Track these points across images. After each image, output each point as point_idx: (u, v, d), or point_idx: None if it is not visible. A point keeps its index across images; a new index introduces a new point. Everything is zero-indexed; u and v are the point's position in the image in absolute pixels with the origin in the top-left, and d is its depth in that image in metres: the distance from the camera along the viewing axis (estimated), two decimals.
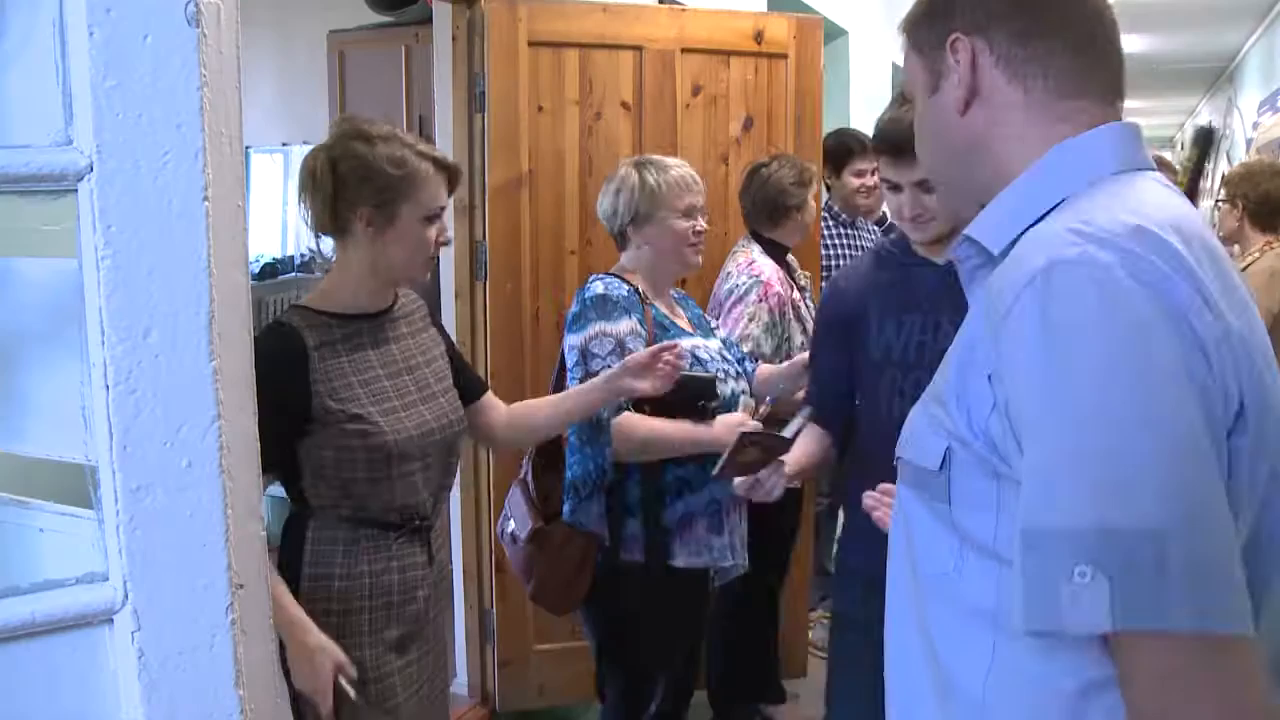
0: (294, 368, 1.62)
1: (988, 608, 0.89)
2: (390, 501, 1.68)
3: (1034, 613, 0.80)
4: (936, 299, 1.87)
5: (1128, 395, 0.78)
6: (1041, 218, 0.92)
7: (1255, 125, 8.08)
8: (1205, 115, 12.73)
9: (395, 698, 1.69)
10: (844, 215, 3.70)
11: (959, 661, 0.92)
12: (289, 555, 1.67)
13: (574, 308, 2.31)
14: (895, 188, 1.90)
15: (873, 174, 3.64)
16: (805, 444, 2.04)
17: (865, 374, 1.97)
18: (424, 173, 1.69)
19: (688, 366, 2.13)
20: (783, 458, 1.97)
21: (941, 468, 0.92)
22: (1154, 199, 0.91)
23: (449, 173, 1.76)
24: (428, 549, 1.76)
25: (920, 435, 0.97)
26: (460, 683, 3.24)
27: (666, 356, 1.95)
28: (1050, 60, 0.96)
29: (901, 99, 1.90)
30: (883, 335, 1.93)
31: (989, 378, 0.86)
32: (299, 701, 1.61)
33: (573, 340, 2.21)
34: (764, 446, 1.94)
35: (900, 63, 1.16)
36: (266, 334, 1.66)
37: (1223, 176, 3.98)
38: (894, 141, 1.85)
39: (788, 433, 1.99)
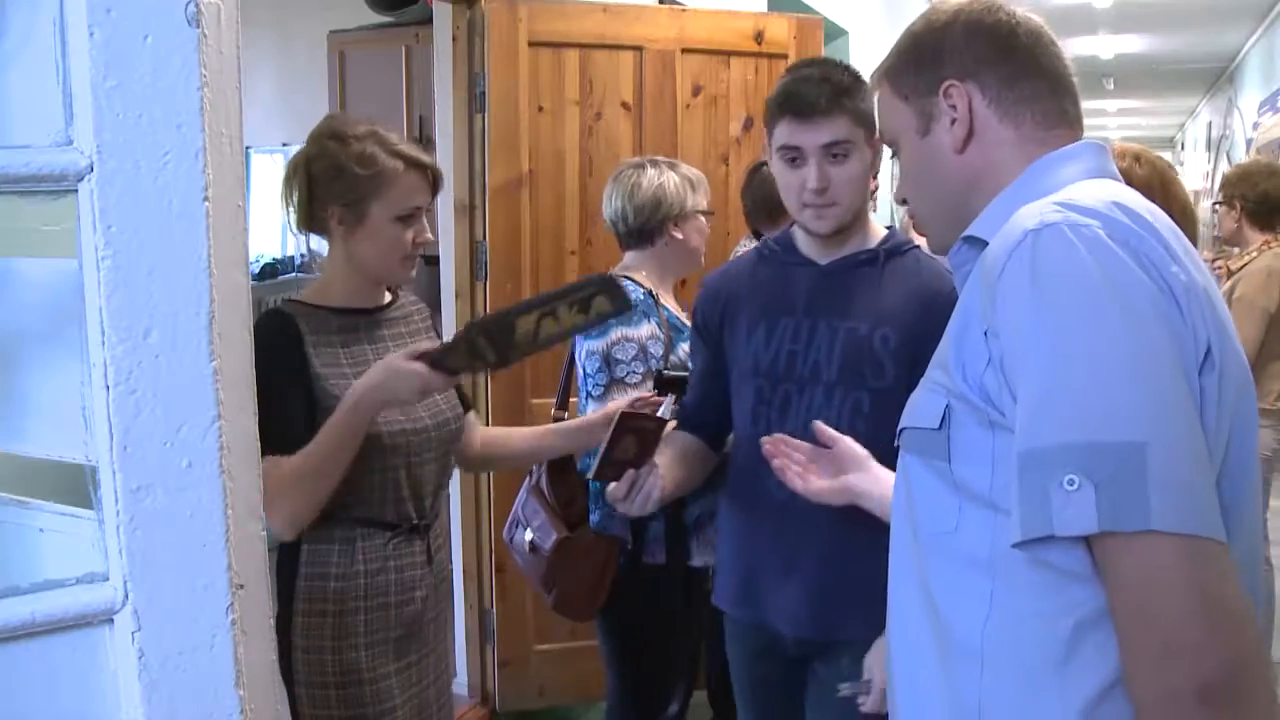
0: (294, 348, 1.64)
1: (984, 557, 0.96)
2: (385, 498, 1.68)
3: (1029, 521, 0.88)
4: (814, 301, 1.74)
5: (1110, 331, 0.88)
6: None
7: (1255, 125, 8.08)
8: (1205, 115, 12.73)
9: (393, 699, 1.68)
10: None
11: (958, 613, 0.99)
12: (285, 555, 1.67)
13: None
14: (796, 158, 1.69)
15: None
16: (675, 464, 1.82)
17: (734, 384, 1.83)
18: (393, 171, 1.67)
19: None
20: (656, 461, 1.76)
21: (941, 426, 0.99)
22: (1125, 192, 1.02)
23: (425, 172, 1.72)
24: (426, 549, 1.75)
25: (920, 403, 1.04)
26: (460, 683, 3.24)
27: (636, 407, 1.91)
28: (1035, 100, 1.09)
29: (799, 65, 1.79)
30: (752, 342, 1.77)
31: (985, 334, 0.95)
32: (298, 703, 1.61)
33: (592, 346, 2.18)
34: (640, 436, 1.73)
35: None
36: (264, 318, 1.67)
37: (1222, 178, 3.98)
38: (803, 100, 1.67)
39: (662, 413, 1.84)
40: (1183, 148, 16.27)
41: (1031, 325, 0.91)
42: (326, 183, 1.67)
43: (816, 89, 1.67)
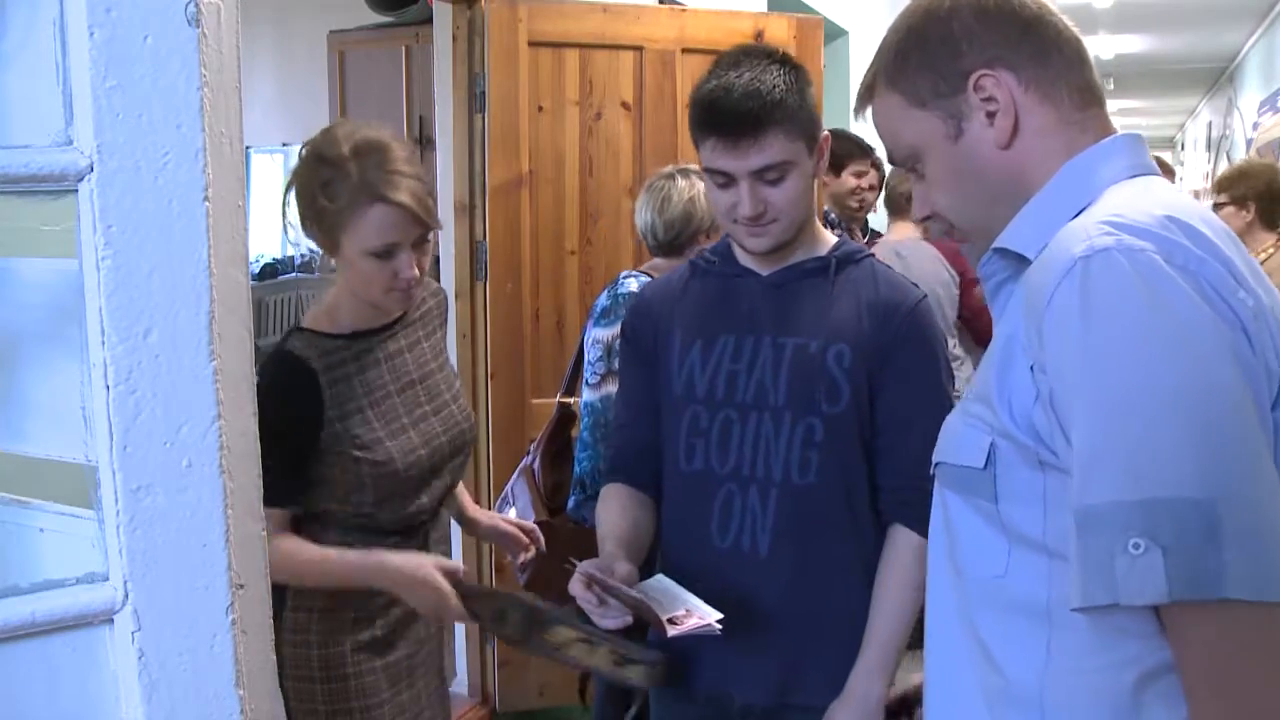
0: (304, 397, 1.58)
1: (1039, 604, 0.89)
2: (394, 515, 1.67)
3: (1091, 588, 0.80)
4: (757, 315, 1.52)
5: (1170, 373, 0.79)
6: (1073, 218, 0.93)
7: (1255, 125, 8.08)
8: (1205, 115, 12.73)
9: (380, 694, 1.68)
10: (839, 219, 3.71)
11: (1012, 661, 0.92)
12: None
13: (603, 301, 2.31)
14: (728, 182, 1.45)
15: (868, 174, 3.68)
16: (617, 523, 1.56)
17: (664, 413, 1.58)
18: (358, 205, 1.51)
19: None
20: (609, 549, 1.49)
21: (986, 465, 0.91)
22: (1173, 195, 0.93)
23: (404, 210, 1.53)
24: (424, 546, 1.75)
25: (960, 436, 0.96)
26: (460, 683, 3.24)
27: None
28: (1068, 74, 0.98)
29: (723, 65, 1.48)
30: (687, 363, 1.54)
31: (1031, 369, 0.87)
32: (286, 696, 1.61)
33: (599, 334, 2.21)
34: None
35: None
36: (273, 365, 1.59)
37: (1221, 179, 3.95)
38: (730, 117, 1.42)
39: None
40: (1183, 148, 16.27)
41: (1082, 367, 0.83)
42: (304, 204, 1.59)
43: (743, 104, 1.41)
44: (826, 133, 1.52)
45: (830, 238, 1.60)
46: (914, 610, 1.49)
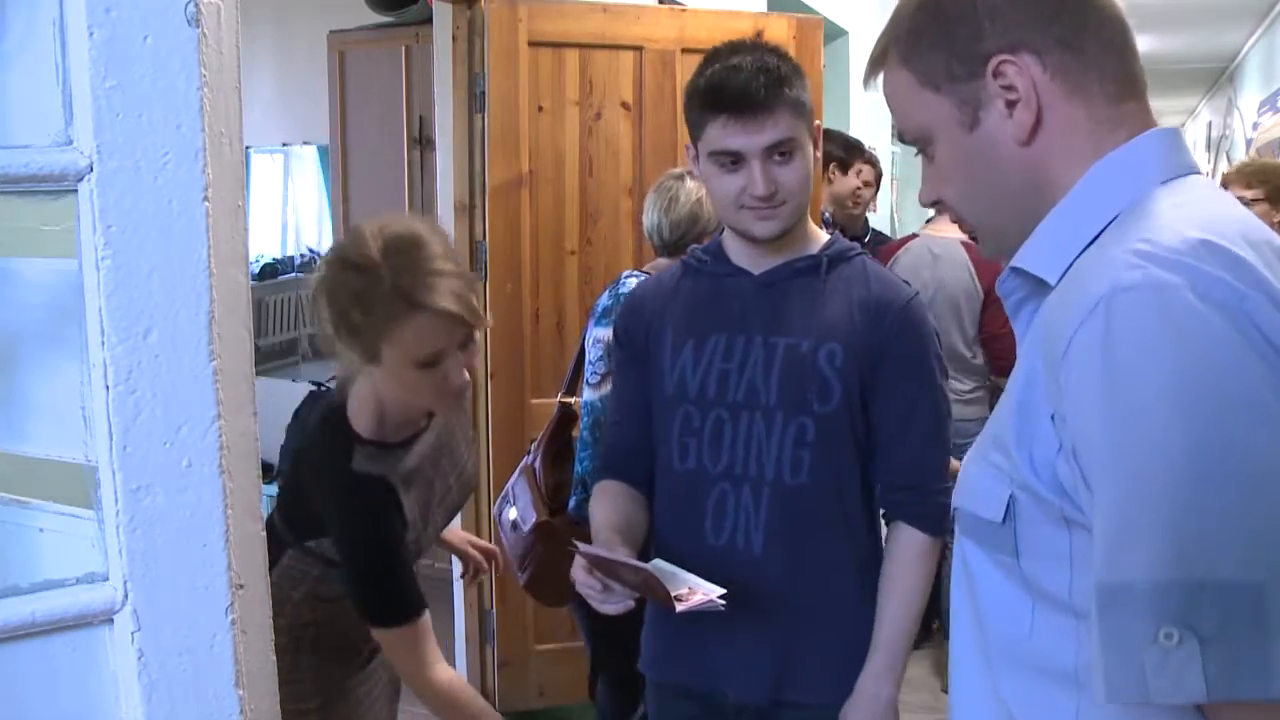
0: (396, 509, 1.51)
1: (1067, 668, 0.81)
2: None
3: (1116, 683, 0.72)
4: (748, 314, 1.52)
5: (1207, 430, 0.69)
6: (1095, 238, 0.84)
7: (1255, 126, 8.07)
8: (1205, 115, 12.73)
9: (363, 704, 1.67)
10: (834, 219, 3.71)
11: None
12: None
13: (605, 300, 2.31)
14: (736, 162, 1.44)
15: (863, 171, 3.68)
16: (610, 516, 1.58)
17: (656, 413, 1.58)
18: (398, 317, 1.38)
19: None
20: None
21: (1005, 519, 0.83)
22: (1212, 207, 0.82)
23: (448, 316, 1.40)
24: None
25: (977, 484, 0.88)
26: None
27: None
28: (1103, 61, 0.86)
29: (721, 54, 1.48)
30: (678, 362, 1.54)
31: (1052, 418, 0.78)
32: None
33: (600, 334, 2.21)
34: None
35: None
36: (359, 490, 1.49)
37: (1239, 173, 3.83)
38: (740, 94, 1.41)
39: None
40: None
41: (1106, 427, 0.72)
42: (334, 317, 1.43)
43: (753, 80, 1.41)
44: (818, 121, 1.53)
45: (822, 236, 1.60)
46: (920, 609, 1.51)
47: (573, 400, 2.39)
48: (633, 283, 2.25)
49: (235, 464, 0.86)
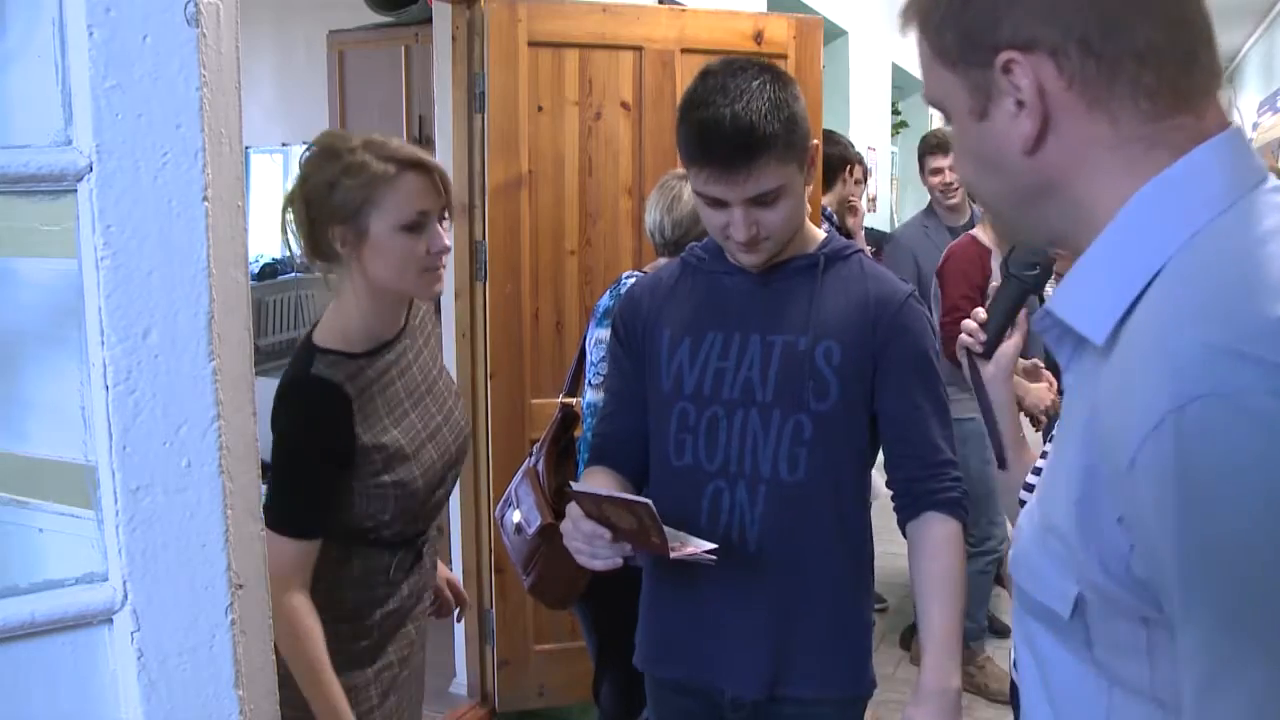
0: (340, 425, 1.53)
1: None
2: (402, 530, 1.63)
3: None
4: (746, 313, 1.53)
5: None
6: (1144, 291, 0.72)
7: (1255, 126, 8.08)
8: None
9: (369, 702, 1.66)
10: (840, 222, 3.72)
11: None
12: None
13: (606, 301, 2.31)
14: (720, 205, 1.44)
15: (855, 169, 3.72)
16: (603, 480, 1.60)
17: (653, 409, 1.59)
18: (385, 176, 1.51)
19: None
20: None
21: (1074, 615, 0.76)
22: None
23: (425, 172, 1.55)
24: (418, 553, 1.72)
25: (1041, 570, 0.80)
26: (460, 683, 3.24)
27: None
28: (1144, 65, 0.72)
29: (711, 87, 1.42)
30: (675, 359, 1.55)
31: (1119, 520, 0.69)
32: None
33: (601, 334, 2.21)
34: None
35: (900, 63, 0.99)
36: (305, 392, 1.54)
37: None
38: (722, 151, 1.39)
39: None
40: None
41: (1184, 561, 0.64)
42: (320, 202, 1.53)
43: (734, 139, 1.38)
44: (816, 142, 1.52)
45: (819, 234, 1.60)
46: (964, 593, 1.50)
47: (574, 401, 2.39)
48: (632, 283, 2.25)
49: (235, 464, 0.86)
